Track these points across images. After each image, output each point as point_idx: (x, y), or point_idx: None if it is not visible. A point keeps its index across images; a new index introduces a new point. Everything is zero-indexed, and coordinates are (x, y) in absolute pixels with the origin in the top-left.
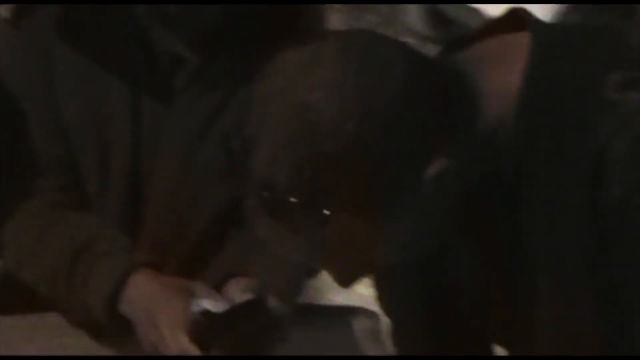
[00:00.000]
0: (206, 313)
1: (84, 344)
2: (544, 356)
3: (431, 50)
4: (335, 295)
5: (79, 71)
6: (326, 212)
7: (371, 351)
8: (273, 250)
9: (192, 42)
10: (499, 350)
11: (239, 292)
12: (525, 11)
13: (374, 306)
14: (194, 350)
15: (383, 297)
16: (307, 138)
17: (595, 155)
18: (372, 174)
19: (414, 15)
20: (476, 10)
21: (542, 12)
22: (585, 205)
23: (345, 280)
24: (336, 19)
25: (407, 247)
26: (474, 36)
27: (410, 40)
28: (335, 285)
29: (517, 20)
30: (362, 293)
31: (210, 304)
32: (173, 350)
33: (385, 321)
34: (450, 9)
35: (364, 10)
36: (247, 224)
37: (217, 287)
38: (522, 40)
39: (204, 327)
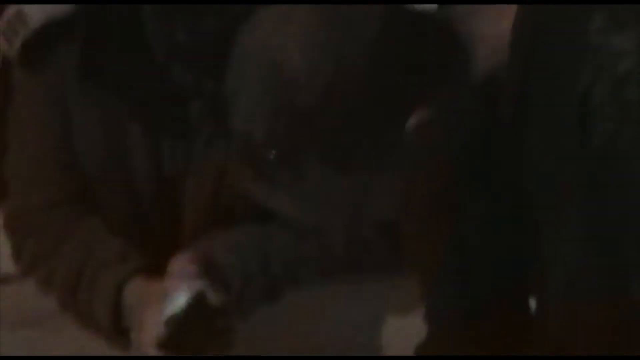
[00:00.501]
0: (169, 320)
1: None
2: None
3: None
4: None
5: (96, 111)
6: (304, 166)
7: None
8: (262, 204)
9: (208, 75)
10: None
11: (181, 265)
12: None
13: None
14: None
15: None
16: (282, 91)
17: (580, 99)
18: (348, 125)
19: None
20: None
21: None
22: (575, 148)
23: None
24: None
25: (400, 199)
26: None
27: None
28: None
29: None
30: None
31: (181, 300)
32: None
33: None
34: None
35: None
36: None
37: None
38: None
39: (169, 335)
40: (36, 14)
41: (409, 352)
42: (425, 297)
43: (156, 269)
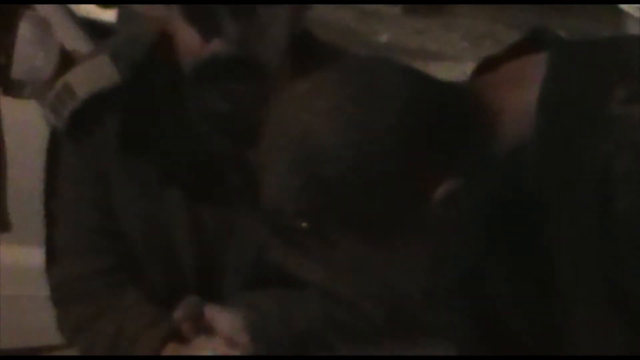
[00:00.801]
0: None
1: None
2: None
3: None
4: None
5: (137, 179)
6: (334, 237)
7: None
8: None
9: (246, 145)
10: None
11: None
12: (547, 31)
13: None
14: None
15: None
16: (310, 164)
17: (601, 170)
18: (376, 197)
19: None
20: None
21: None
22: (596, 219)
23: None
24: None
25: (430, 270)
26: (501, 58)
27: None
28: None
29: (540, 40)
30: None
31: None
32: None
33: None
34: None
35: None
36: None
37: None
38: (540, 61)
39: None
40: (82, 87)
41: None
42: None
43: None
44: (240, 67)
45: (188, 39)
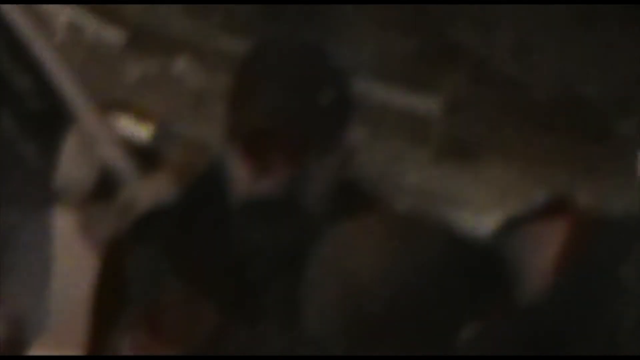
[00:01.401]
0: None
1: None
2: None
3: None
4: None
5: (179, 287)
6: None
7: None
8: None
9: (281, 274)
10: None
11: None
12: (569, 198)
13: None
14: None
15: None
16: (351, 301)
17: (610, 326)
18: (409, 331)
19: None
20: None
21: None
22: None
23: None
24: None
25: None
26: (526, 218)
27: None
28: None
29: (563, 206)
30: None
31: None
32: None
33: None
34: None
35: None
36: None
37: None
38: (561, 226)
39: None
40: (146, 199)
41: None
42: None
43: None
44: (284, 208)
45: (240, 174)
